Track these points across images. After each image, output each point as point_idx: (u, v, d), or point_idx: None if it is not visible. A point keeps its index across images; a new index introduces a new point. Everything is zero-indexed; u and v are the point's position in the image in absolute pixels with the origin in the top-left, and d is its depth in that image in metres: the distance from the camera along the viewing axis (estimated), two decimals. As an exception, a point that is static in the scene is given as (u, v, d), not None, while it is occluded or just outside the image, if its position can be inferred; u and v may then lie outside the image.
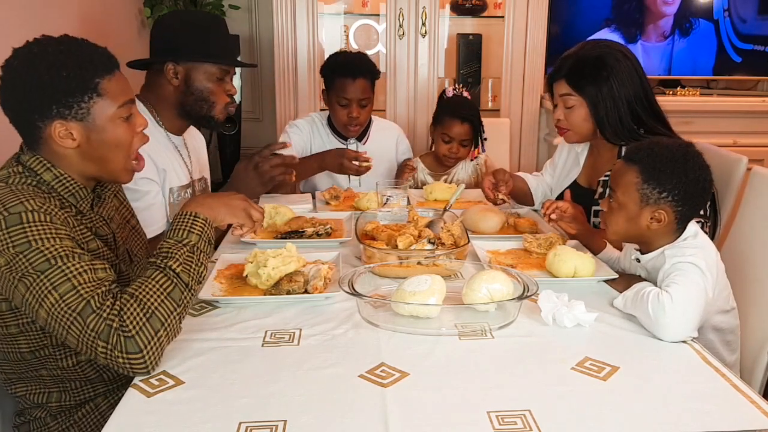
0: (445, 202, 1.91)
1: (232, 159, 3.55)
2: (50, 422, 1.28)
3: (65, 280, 1.05)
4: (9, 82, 1.16)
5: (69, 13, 2.29)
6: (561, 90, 1.80)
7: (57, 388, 1.27)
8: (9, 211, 1.08)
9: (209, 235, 1.19)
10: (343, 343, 1.19)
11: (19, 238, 1.07)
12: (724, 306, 1.44)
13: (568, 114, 1.80)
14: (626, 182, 1.36)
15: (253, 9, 3.65)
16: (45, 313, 1.05)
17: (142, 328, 1.04)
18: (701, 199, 1.37)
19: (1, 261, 1.07)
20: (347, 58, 2.36)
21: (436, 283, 1.28)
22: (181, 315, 1.11)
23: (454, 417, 0.97)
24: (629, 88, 1.72)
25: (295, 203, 2.07)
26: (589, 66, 1.74)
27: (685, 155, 1.34)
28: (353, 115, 2.33)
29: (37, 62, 1.14)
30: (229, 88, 1.86)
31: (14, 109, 1.18)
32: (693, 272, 1.26)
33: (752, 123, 3.29)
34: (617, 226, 1.40)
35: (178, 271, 1.12)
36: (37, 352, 1.22)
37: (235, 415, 0.97)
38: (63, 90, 1.14)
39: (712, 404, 1.01)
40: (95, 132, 1.19)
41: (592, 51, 1.76)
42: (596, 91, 1.73)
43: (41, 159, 1.19)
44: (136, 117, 1.27)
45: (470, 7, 3.34)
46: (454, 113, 2.43)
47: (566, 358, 1.14)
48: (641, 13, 3.38)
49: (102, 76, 1.17)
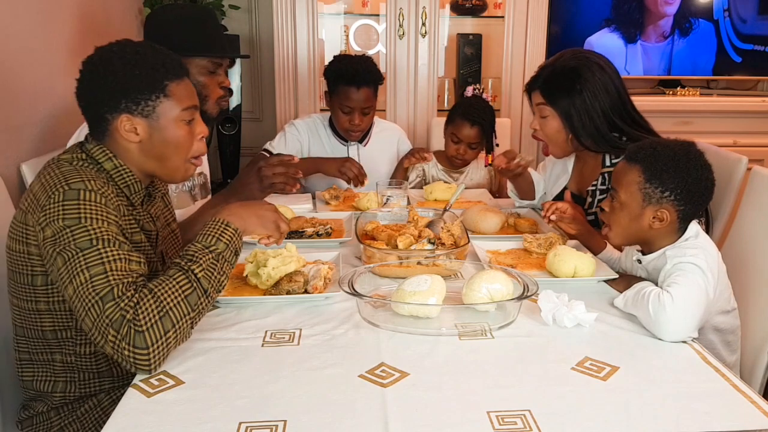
0: (445, 202, 1.91)
1: (232, 159, 3.55)
2: (53, 416, 1.29)
3: (99, 263, 1.08)
4: (86, 75, 1.24)
5: (69, 12, 2.29)
6: (536, 100, 1.81)
7: (64, 378, 1.28)
8: (70, 186, 1.14)
9: (237, 245, 1.21)
10: (343, 343, 1.20)
11: (72, 212, 1.12)
12: (725, 306, 1.43)
13: (543, 124, 1.81)
14: (628, 181, 1.36)
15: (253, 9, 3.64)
16: (72, 290, 1.08)
17: (154, 326, 1.05)
18: (703, 198, 1.37)
19: (48, 232, 1.12)
20: (352, 66, 2.32)
21: (436, 283, 1.28)
22: (194, 320, 1.12)
23: (454, 417, 0.97)
24: (604, 99, 1.71)
25: (295, 203, 2.07)
26: (562, 78, 1.74)
27: (687, 154, 1.34)
28: (356, 122, 2.33)
29: (115, 60, 1.22)
30: (222, 80, 1.85)
31: (87, 100, 1.26)
32: (694, 272, 1.26)
33: (752, 123, 3.28)
34: (620, 226, 1.40)
35: (199, 276, 1.13)
36: (59, 333, 1.25)
37: (235, 415, 0.97)
38: (133, 87, 1.22)
39: (712, 404, 1.01)
40: (158, 130, 1.25)
41: (567, 62, 1.76)
42: (569, 103, 1.73)
43: (104, 149, 1.26)
44: (198, 124, 1.32)
45: (470, 7, 3.34)
46: (465, 114, 2.42)
47: (566, 358, 1.14)
48: (641, 14, 3.38)
49: (171, 80, 1.25)
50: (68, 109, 2.17)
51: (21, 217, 1.20)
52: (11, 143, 1.86)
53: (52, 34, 2.16)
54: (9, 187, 1.68)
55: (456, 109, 2.50)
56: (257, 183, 1.77)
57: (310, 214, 1.98)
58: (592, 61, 1.75)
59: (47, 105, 2.09)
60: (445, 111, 3.22)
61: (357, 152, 2.46)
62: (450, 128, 2.46)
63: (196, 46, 1.77)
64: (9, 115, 1.86)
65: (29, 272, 1.21)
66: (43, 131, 2.03)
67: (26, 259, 1.20)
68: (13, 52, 1.90)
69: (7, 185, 1.67)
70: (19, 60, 1.94)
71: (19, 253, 1.21)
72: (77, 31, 2.35)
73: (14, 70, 1.90)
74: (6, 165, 1.80)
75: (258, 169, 1.76)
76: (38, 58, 2.05)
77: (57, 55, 2.19)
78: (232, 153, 3.55)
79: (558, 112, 1.76)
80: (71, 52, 2.28)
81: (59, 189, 1.14)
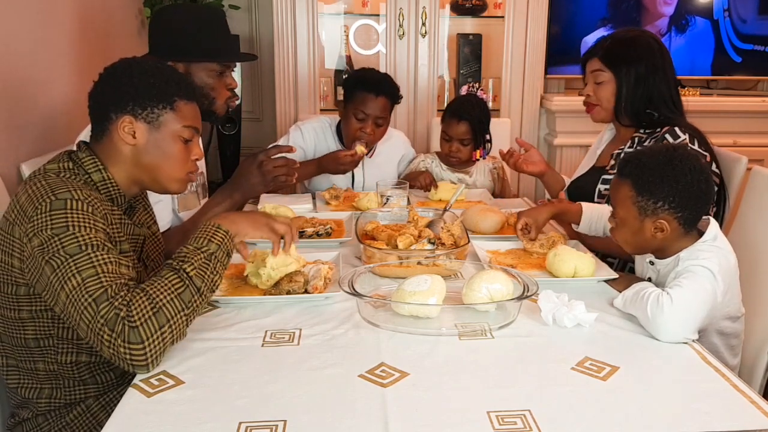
0: (445, 202, 1.91)
1: (232, 159, 3.55)
2: (41, 422, 1.28)
3: (90, 267, 1.09)
4: (105, 78, 1.29)
5: (69, 12, 2.28)
6: (593, 66, 1.92)
7: (49, 384, 1.28)
8: (56, 196, 1.15)
9: (228, 247, 1.22)
10: (343, 343, 1.20)
11: (59, 221, 1.12)
12: (733, 313, 1.41)
13: (598, 89, 1.92)
14: (622, 197, 1.36)
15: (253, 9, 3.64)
16: (65, 296, 1.08)
17: (147, 321, 1.05)
18: (701, 201, 1.34)
19: (36, 241, 1.12)
20: (373, 75, 2.35)
21: (436, 283, 1.28)
22: (189, 317, 1.12)
23: (454, 417, 0.97)
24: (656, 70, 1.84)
25: (295, 203, 2.07)
26: (625, 46, 1.88)
27: (671, 161, 1.32)
28: (367, 131, 2.28)
29: (134, 68, 1.29)
30: (230, 82, 1.85)
31: (97, 99, 1.29)
32: (703, 275, 1.25)
33: (752, 123, 3.28)
34: (626, 241, 1.40)
35: (191, 275, 1.13)
36: (41, 341, 1.25)
37: (235, 415, 0.97)
38: (144, 93, 1.26)
39: (712, 404, 1.01)
40: (155, 139, 1.28)
41: (627, 33, 1.94)
42: (625, 68, 1.85)
43: (96, 161, 1.28)
44: (195, 146, 1.35)
45: (470, 7, 3.33)
46: (453, 112, 2.42)
47: (566, 358, 1.14)
48: (638, 13, 3.38)
49: (181, 97, 1.30)
50: (68, 109, 2.17)
51: (7, 228, 1.19)
52: (11, 143, 1.86)
53: (52, 34, 2.16)
54: (9, 187, 1.68)
55: (447, 107, 2.50)
56: (260, 177, 1.77)
57: (310, 214, 1.98)
58: (650, 36, 1.93)
59: (47, 105, 2.09)
60: (445, 111, 3.23)
61: (362, 163, 2.43)
62: (442, 127, 2.47)
63: (207, 52, 1.78)
64: (9, 115, 1.86)
65: (12, 282, 1.21)
66: (43, 131, 2.03)
67: (9, 270, 1.20)
68: (13, 52, 1.90)
69: (6, 185, 1.67)
70: (19, 60, 1.94)
71: (3, 263, 1.21)
72: (77, 31, 2.35)
73: (14, 70, 1.90)
74: (6, 165, 1.80)
75: (259, 163, 1.76)
76: (38, 58, 2.05)
77: (57, 55, 2.19)
78: (232, 153, 3.55)
79: (614, 74, 1.88)
80: (71, 52, 2.28)
81: (46, 200, 1.14)
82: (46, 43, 2.11)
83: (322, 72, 3.27)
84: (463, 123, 2.39)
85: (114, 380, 1.30)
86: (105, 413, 1.26)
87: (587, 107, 1.98)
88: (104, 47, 2.56)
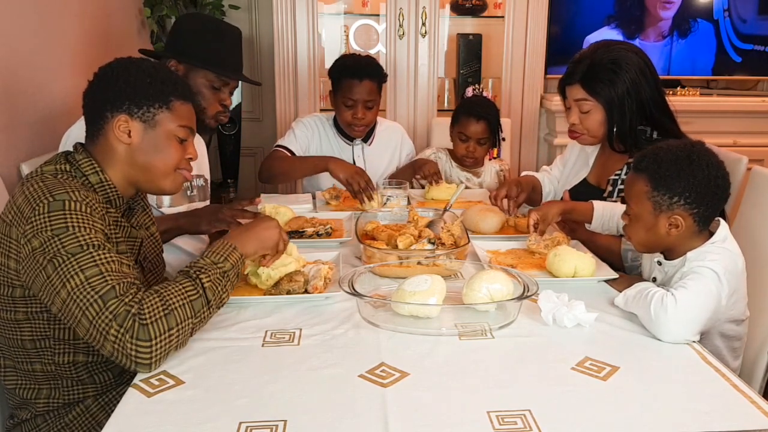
0: (445, 202, 1.91)
1: (232, 159, 3.55)
2: (40, 423, 1.28)
3: (93, 265, 1.09)
4: (101, 76, 1.29)
5: (69, 12, 2.28)
6: (576, 95, 1.79)
7: (47, 385, 1.28)
8: (54, 197, 1.15)
9: (239, 269, 1.24)
10: (343, 343, 1.20)
11: (58, 222, 1.12)
12: (737, 316, 1.40)
13: (584, 119, 1.80)
14: (637, 192, 1.34)
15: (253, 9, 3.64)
16: (66, 293, 1.08)
17: (158, 321, 1.06)
18: (717, 198, 1.32)
19: (36, 243, 1.12)
20: (355, 61, 2.37)
21: (436, 283, 1.28)
22: (195, 327, 1.14)
23: (454, 417, 0.97)
24: (645, 88, 1.73)
25: (295, 203, 2.07)
26: (603, 70, 1.73)
27: (689, 156, 1.31)
28: (358, 116, 2.32)
29: (132, 67, 1.28)
30: (224, 98, 1.86)
31: (93, 98, 1.29)
32: (708, 277, 1.25)
33: (752, 123, 3.28)
34: (639, 238, 1.38)
35: (206, 286, 1.15)
36: (38, 342, 1.24)
37: (235, 415, 0.97)
38: (141, 93, 1.26)
39: (712, 404, 1.01)
40: (150, 138, 1.28)
41: (605, 54, 1.75)
42: (612, 94, 1.73)
43: (93, 163, 1.27)
44: (190, 146, 1.35)
45: (470, 7, 3.33)
46: (470, 111, 2.42)
47: (566, 358, 1.14)
48: (641, 13, 3.38)
49: (177, 98, 1.30)
50: (68, 109, 2.17)
51: (4, 229, 1.18)
52: (11, 143, 1.86)
53: (52, 34, 2.16)
54: (9, 187, 1.68)
55: (460, 108, 2.50)
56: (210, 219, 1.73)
57: (310, 214, 1.97)
58: (629, 50, 1.76)
59: (47, 105, 2.09)
60: (445, 111, 3.23)
61: (362, 152, 2.45)
62: (456, 128, 2.46)
63: (208, 58, 1.79)
64: (9, 115, 1.86)
65: (8, 284, 1.20)
66: (42, 131, 2.03)
67: (5, 272, 1.20)
68: (13, 52, 1.90)
69: (6, 185, 1.67)
70: (19, 60, 1.94)
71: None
72: (77, 31, 2.35)
73: (14, 70, 1.90)
74: (6, 165, 1.80)
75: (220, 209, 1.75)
76: (38, 58, 2.05)
77: (57, 55, 2.19)
78: (232, 153, 3.55)
79: (601, 104, 1.75)
80: (71, 52, 2.28)
81: (44, 201, 1.14)
82: (46, 43, 2.11)
83: (322, 72, 3.25)
84: (481, 122, 2.41)
85: (112, 380, 1.30)
86: (104, 413, 1.26)
87: (572, 134, 1.87)
88: (104, 47, 2.56)
